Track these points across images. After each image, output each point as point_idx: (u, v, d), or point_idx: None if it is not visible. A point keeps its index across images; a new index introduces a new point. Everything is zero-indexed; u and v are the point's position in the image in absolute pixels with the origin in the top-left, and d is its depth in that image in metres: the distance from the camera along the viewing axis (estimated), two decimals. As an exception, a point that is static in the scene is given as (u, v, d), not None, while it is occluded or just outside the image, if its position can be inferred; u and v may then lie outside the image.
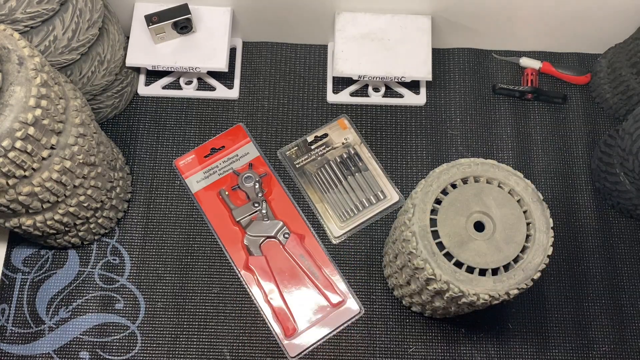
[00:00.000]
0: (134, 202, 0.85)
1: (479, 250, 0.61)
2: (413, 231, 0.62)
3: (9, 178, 0.60)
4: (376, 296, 0.81)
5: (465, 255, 0.61)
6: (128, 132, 0.89)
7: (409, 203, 0.64)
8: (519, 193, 0.63)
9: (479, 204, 0.63)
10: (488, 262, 0.61)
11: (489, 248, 0.61)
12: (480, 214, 0.63)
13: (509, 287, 0.61)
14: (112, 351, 0.78)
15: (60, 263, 0.82)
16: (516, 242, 0.62)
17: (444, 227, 0.62)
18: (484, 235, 0.62)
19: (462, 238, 0.62)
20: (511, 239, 0.62)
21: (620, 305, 0.83)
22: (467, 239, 0.62)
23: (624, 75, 0.87)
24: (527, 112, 0.92)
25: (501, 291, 0.60)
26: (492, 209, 0.63)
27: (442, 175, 0.64)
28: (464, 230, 0.62)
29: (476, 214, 0.63)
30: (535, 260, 0.61)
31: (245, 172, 0.86)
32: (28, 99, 0.57)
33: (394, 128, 0.90)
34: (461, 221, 0.62)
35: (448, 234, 0.62)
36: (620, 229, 0.86)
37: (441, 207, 0.63)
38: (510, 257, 0.61)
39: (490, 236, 0.62)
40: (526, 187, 0.64)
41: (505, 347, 0.80)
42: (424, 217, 0.62)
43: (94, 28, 0.75)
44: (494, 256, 0.61)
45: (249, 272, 0.82)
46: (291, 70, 0.94)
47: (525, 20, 0.89)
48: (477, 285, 0.60)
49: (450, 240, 0.62)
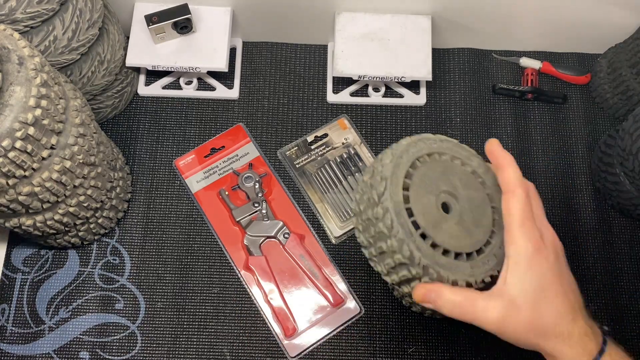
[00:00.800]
0: (134, 202, 0.85)
1: (451, 233, 0.55)
2: (386, 207, 0.54)
3: (9, 178, 0.60)
4: (376, 296, 0.81)
5: (441, 237, 0.55)
6: (128, 132, 0.89)
7: (377, 177, 0.57)
8: (481, 175, 0.60)
9: (446, 183, 0.57)
10: (462, 246, 0.55)
11: (460, 231, 0.56)
12: (447, 194, 0.57)
13: (484, 273, 0.56)
14: (112, 351, 0.78)
15: (60, 263, 0.82)
16: (484, 225, 0.57)
17: (417, 205, 0.55)
18: (453, 217, 0.57)
19: (435, 218, 0.55)
20: (479, 222, 0.57)
21: (620, 305, 0.83)
22: (440, 220, 0.56)
23: (624, 75, 0.87)
24: (527, 112, 0.92)
25: (478, 277, 0.55)
26: (459, 190, 0.57)
27: (410, 148, 0.58)
28: (435, 210, 0.56)
29: (443, 194, 0.57)
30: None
31: (245, 172, 0.86)
32: (28, 99, 0.57)
33: (394, 128, 0.90)
34: (431, 200, 0.56)
35: (422, 212, 0.55)
36: (620, 229, 0.86)
37: (412, 182, 0.56)
38: (482, 241, 0.56)
39: (459, 218, 0.56)
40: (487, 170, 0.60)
41: (505, 347, 0.80)
42: (398, 192, 0.55)
43: (94, 28, 0.75)
44: (466, 240, 0.56)
45: (249, 272, 0.82)
46: (291, 70, 0.94)
47: (525, 20, 0.89)
48: (455, 271, 0.54)
49: (425, 220, 0.55)
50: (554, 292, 0.53)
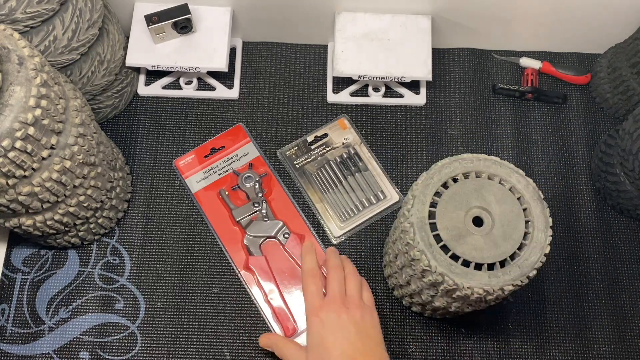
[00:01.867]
0: (134, 202, 0.85)
1: (476, 245, 0.61)
2: (411, 222, 0.62)
3: (8, 178, 0.60)
4: (376, 296, 0.81)
5: (462, 248, 0.61)
6: (128, 132, 0.89)
7: (409, 195, 0.65)
8: (520, 191, 0.63)
9: (478, 199, 0.63)
10: (484, 257, 0.61)
11: (486, 243, 0.61)
12: (480, 209, 0.63)
13: (503, 282, 0.60)
14: (112, 351, 0.78)
15: (60, 263, 0.82)
16: (514, 238, 0.62)
17: (443, 220, 0.62)
18: (482, 230, 0.62)
19: (460, 232, 0.62)
20: (509, 235, 0.62)
21: (620, 305, 0.83)
22: (465, 233, 0.62)
23: (624, 75, 0.87)
24: (527, 112, 0.92)
25: (495, 286, 0.60)
26: (492, 205, 0.63)
27: (443, 169, 0.64)
28: (462, 224, 0.62)
29: (475, 209, 0.63)
30: (532, 258, 0.61)
31: (245, 172, 0.86)
32: (28, 99, 0.57)
33: (394, 128, 0.90)
34: (460, 215, 0.62)
35: (446, 227, 0.62)
36: (620, 229, 0.86)
37: (441, 200, 0.63)
38: (507, 253, 0.61)
39: (489, 232, 0.62)
40: (527, 185, 0.64)
41: (505, 347, 0.80)
42: (423, 209, 0.62)
43: (94, 28, 0.75)
44: (491, 251, 0.61)
45: (249, 272, 0.82)
46: (291, 70, 0.94)
47: (525, 20, 0.89)
48: (472, 279, 0.60)
49: (448, 234, 0.62)
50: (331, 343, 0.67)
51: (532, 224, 0.62)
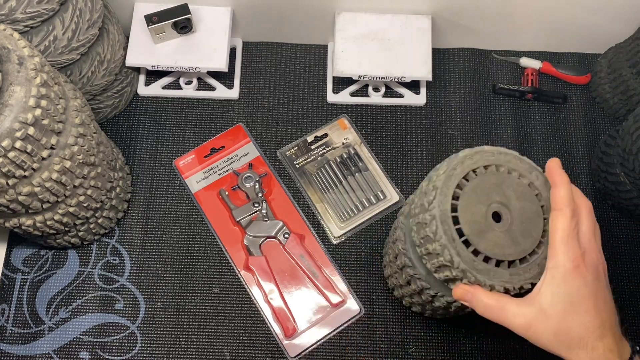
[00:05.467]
0: (134, 202, 0.85)
1: (497, 241, 0.59)
2: (433, 215, 0.60)
3: (8, 178, 0.60)
4: (376, 296, 0.81)
5: (484, 244, 0.59)
6: (128, 132, 0.89)
7: (430, 185, 0.62)
8: (538, 187, 0.62)
9: (499, 194, 0.61)
10: (505, 254, 0.59)
11: (506, 240, 0.60)
12: (499, 204, 0.61)
13: (524, 280, 0.59)
14: (112, 351, 0.78)
15: (60, 263, 0.82)
16: (533, 236, 0.60)
17: (465, 214, 0.60)
18: (502, 226, 0.60)
19: (482, 227, 0.60)
20: (528, 232, 0.60)
21: (620, 305, 0.82)
22: (486, 229, 0.60)
23: (624, 75, 0.87)
24: (527, 112, 0.92)
25: (517, 284, 0.59)
26: (512, 201, 0.61)
27: (466, 160, 0.62)
28: (483, 219, 0.60)
29: (495, 204, 0.61)
30: None
31: (245, 172, 0.86)
32: (28, 99, 0.57)
33: (394, 128, 0.90)
34: (481, 210, 0.60)
35: (468, 221, 0.60)
36: (620, 229, 0.86)
37: (463, 192, 0.61)
38: (527, 250, 0.60)
39: (508, 228, 0.60)
40: (545, 182, 0.62)
41: (505, 347, 0.80)
42: (446, 201, 0.60)
43: (94, 28, 0.75)
44: (511, 248, 0.59)
45: (249, 272, 0.82)
46: (291, 70, 0.94)
47: (525, 20, 0.89)
48: (493, 277, 0.59)
49: (471, 228, 0.59)
50: (585, 308, 0.55)
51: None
